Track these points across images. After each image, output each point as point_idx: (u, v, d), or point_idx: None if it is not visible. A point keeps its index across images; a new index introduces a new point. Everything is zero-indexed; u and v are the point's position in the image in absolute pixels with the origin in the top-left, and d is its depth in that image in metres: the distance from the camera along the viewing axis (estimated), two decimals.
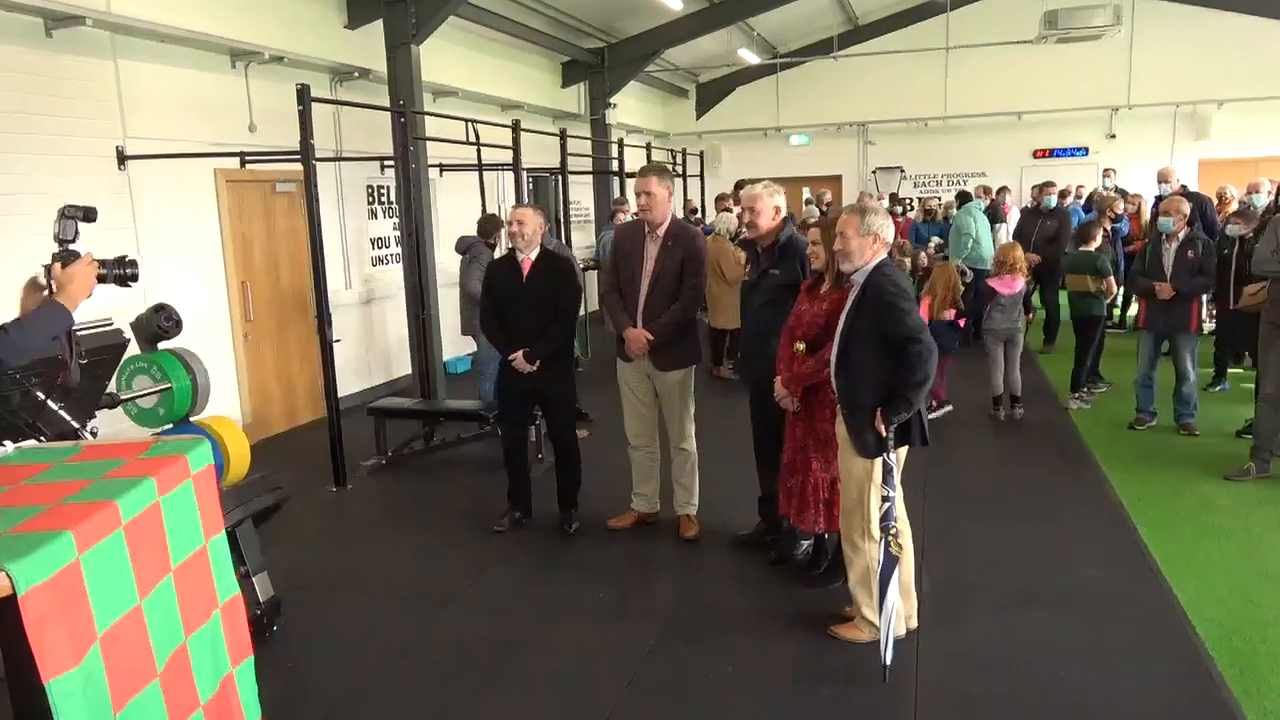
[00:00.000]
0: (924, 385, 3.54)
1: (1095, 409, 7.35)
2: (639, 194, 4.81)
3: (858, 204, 3.91)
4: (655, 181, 4.76)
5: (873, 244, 3.62)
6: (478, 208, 10.78)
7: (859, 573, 3.77)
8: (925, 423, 3.72)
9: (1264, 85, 14.62)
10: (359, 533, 5.33)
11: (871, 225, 3.62)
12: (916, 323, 3.54)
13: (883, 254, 3.67)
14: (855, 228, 3.63)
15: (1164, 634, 3.79)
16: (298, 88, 5.79)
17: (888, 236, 3.68)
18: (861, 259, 3.63)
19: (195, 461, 2.58)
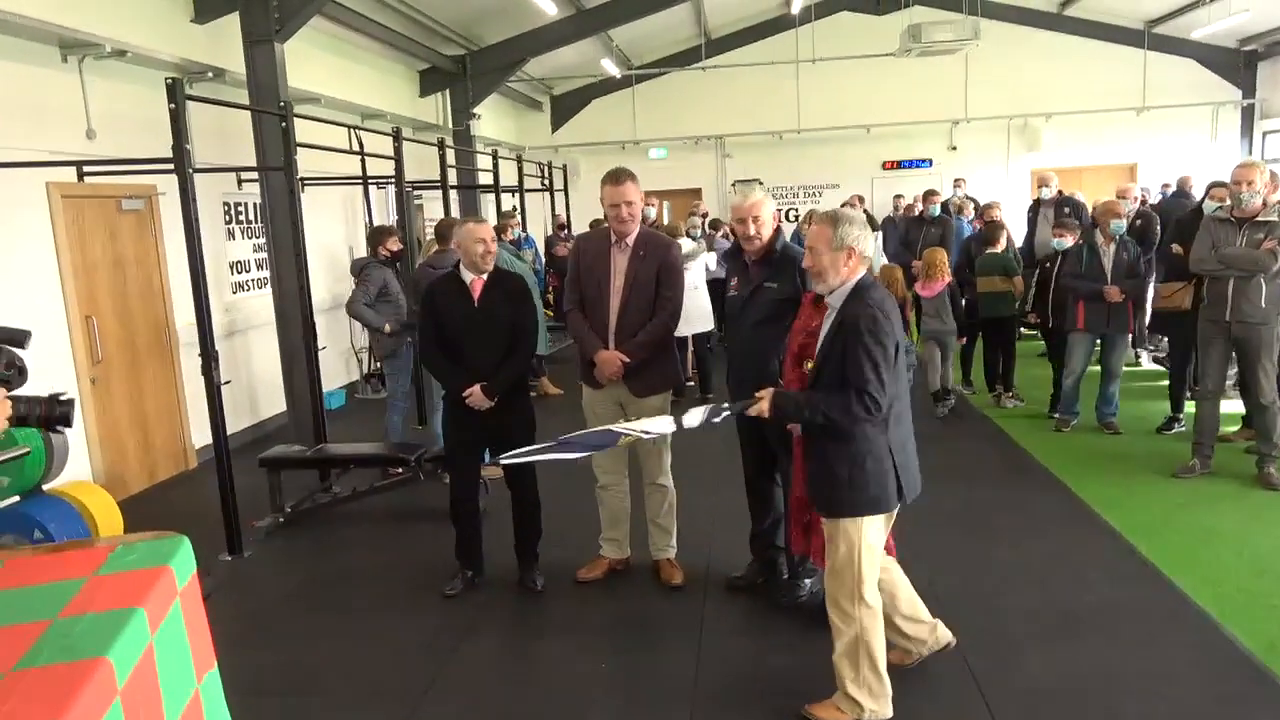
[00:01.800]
0: (829, 423, 3.04)
1: (1012, 414, 7.39)
2: (615, 205, 4.22)
3: (829, 211, 3.31)
4: (633, 188, 4.23)
5: (847, 259, 3.07)
6: (340, 224, 9.90)
7: (846, 643, 3.16)
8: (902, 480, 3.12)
9: (1086, 100, 15.72)
10: (281, 615, 4.42)
11: (846, 237, 3.06)
12: (873, 376, 2.93)
13: (861, 270, 3.12)
14: (827, 241, 3.07)
15: (1213, 651, 3.60)
16: (168, 82, 4.83)
17: (866, 249, 3.12)
18: (837, 278, 3.09)
19: (181, 571, 1.82)
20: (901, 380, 3.08)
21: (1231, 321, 5.31)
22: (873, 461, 3.03)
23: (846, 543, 3.11)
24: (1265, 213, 5.21)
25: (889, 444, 3.04)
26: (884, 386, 2.93)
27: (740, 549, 4.48)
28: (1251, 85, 15.84)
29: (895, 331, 3.01)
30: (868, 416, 2.95)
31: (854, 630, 3.14)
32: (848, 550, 3.11)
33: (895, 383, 3.01)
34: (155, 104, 6.13)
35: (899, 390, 3.06)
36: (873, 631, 3.13)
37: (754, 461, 4.31)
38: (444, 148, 8.78)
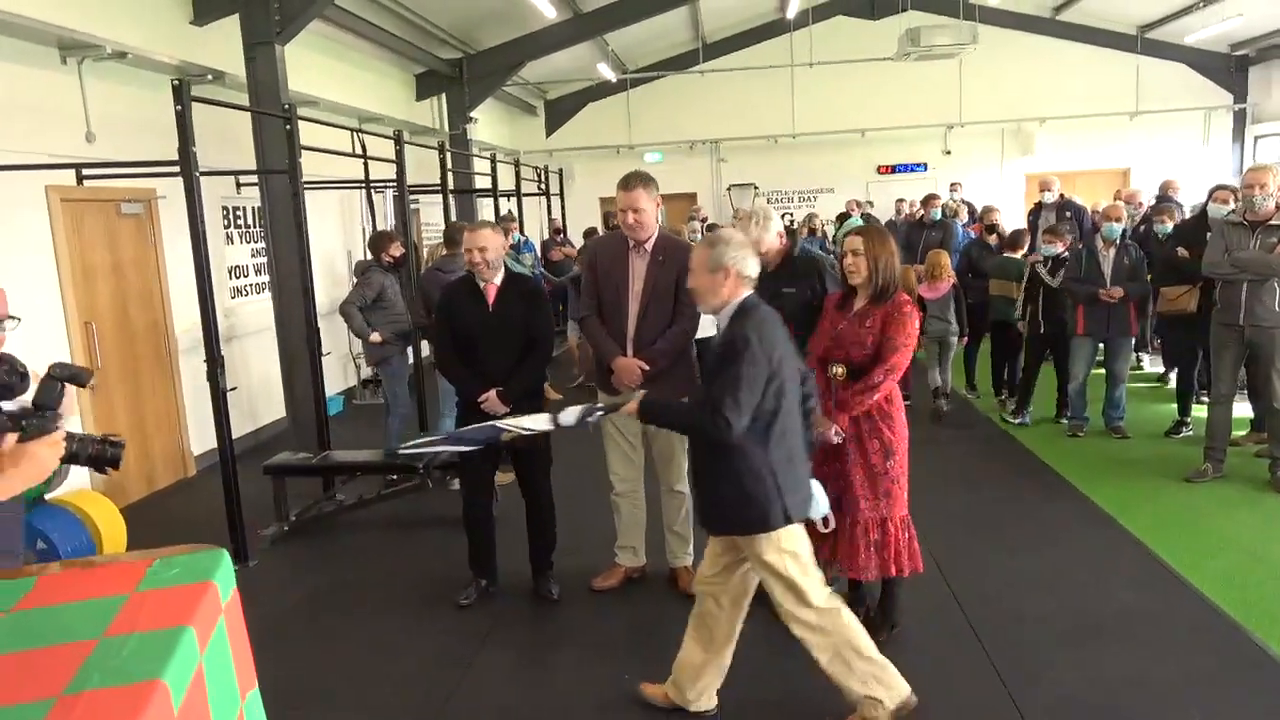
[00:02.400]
0: (688, 433, 3.06)
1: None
2: (624, 210, 4.17)
3: (712, 234, 3.23)
4: (643, 195, 4.12)
5: (725, 280, 2.99)
6: (337, 229, 9.81)
7: (827, 652, 3.09)
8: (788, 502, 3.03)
9: (1080, 104, 15.78)
10: (291, 626, 4.32)
11: (722, 259, 2.98)
12: (730, 396, 2.86)
13: (745, 291, 3.04)
14: (703, 263, 3.03)
15: (1244, 658, 3.56)
16: (174, 84, 4.75)
17: (746, 269, 3.02)
18: (716, 299, 3.04)
19: (224, 586, 1.75)
20: (786, 400, 3.01)
21: (1245, 325, 5.29)
22: (751, 481, 2.99)
23: (762, 562, 3.07)
24: (1278, 216, 5.19)
25: (768, 464, 2.99)
26: (741, 407, 2.88)
27: None
28: (1243, 90, 15.94)
29: (776, 354, 2.96)
30: (718, 434, 2.91)
31: (823, 638, 3.09)
32: (768, 569, 3.07)
33: (776, 402, 2.97)
34: (154, 106, 6.08)
35: (781, 410, 2.99)
36: (843, 629, 3.08)
37: None
38: (444, 151, 8.71)
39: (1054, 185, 9.19)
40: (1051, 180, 9.27)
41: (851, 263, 3.63)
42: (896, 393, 3.71)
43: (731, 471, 3.00)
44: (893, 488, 3.65)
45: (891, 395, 3.67)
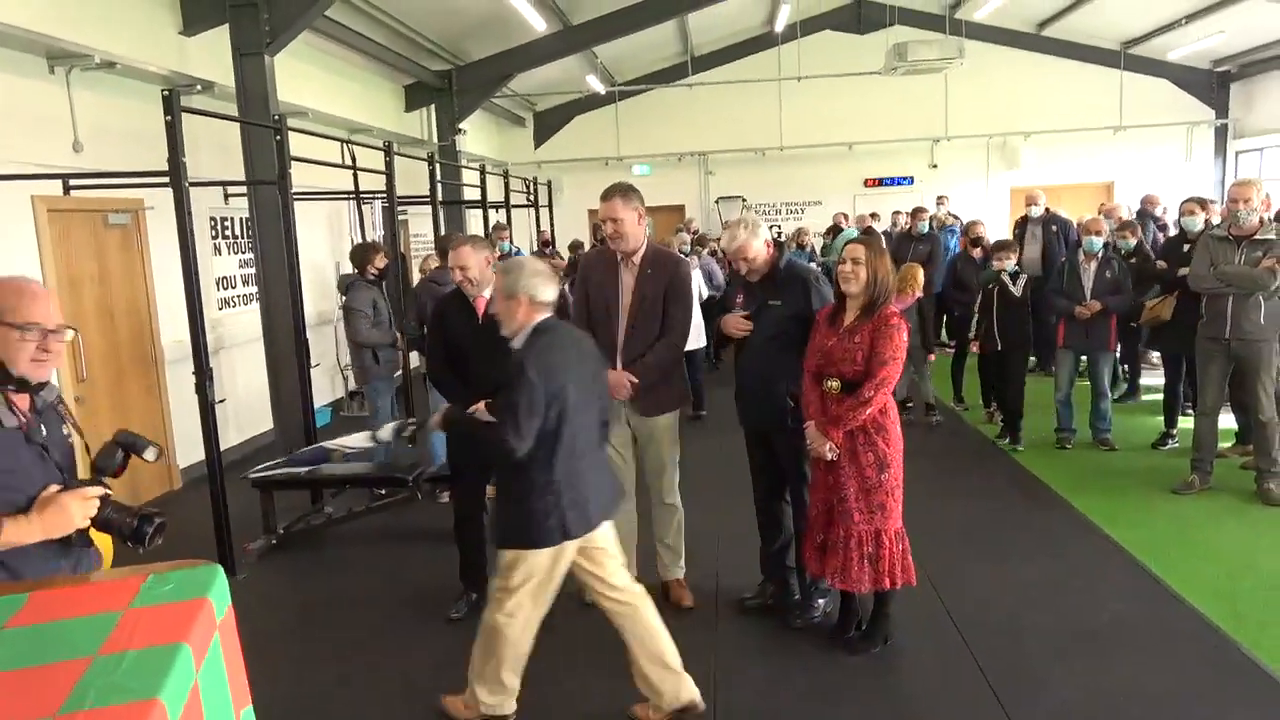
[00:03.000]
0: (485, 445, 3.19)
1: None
2: (604, 220, 4.18)
3: (507, 262, 3.41)
4: (620, 205, 4.10)
5: (519, 306, 3.13)
6: (324, 240, 9.77)
7: (486, 636, 3.30)
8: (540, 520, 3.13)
9: (1064, 119, 15.94)
10: (281, 641, 4.27)
11: (514, 286, 3.12)
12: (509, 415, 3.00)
13: (539, 315, 3.16)
14: (499, 290, 3.19)
15: (1237, 671, 3.58)
16: (164, 94, 4.72)
17: (539, 295, 3.13)
18: (514, 323, 3.17)
19: (219, 602, 1.73)
20: (568, 424, 3.09)
21: (1231, 339, 5.34)
22: (536, 497, 3.08)
23: (522, 572, 3.16)
24: (1263, 230, 5.25)
25: (553, 481, 3.09)
26: (520, 429, 2.99)
27: (749, 569, 4.43)
28: (1225, 105, 16.13)
29: (558, 379, 3.07)
30: (504, 452, 3.03)
31: (494, 630, 3.23)
32: (520, 579, 3.16)
33: (557, 424, 3.07)
34: (143, 116, 6.06)
35: (564, 433, 3.09)
36: (508, 641, 3.23)
37: (764, 482, 4.26)
38: (434, 163, 8.71)
39: (1040, 200, 9.24)
40: (1037, 195, 9.32)
41: (850, 270, 3.63)
42: (892, 406, 3.72)
43: (520, 488, 3.11)
44: (887, 500, 3.66)
45: (886, 408, 3.68)
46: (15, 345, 2.14)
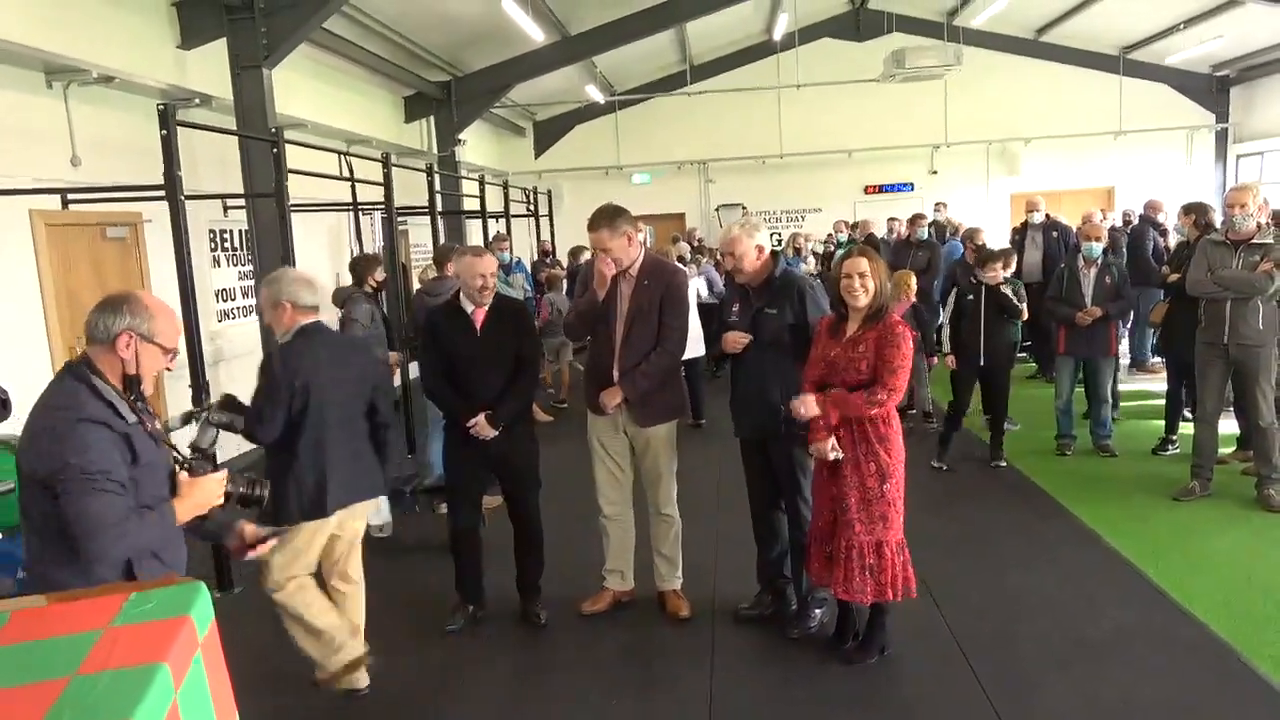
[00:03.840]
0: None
1: (1011, 438, 7.36)
2: (594, 251, 4.20)
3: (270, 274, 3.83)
4: (608, 236, 4.07)
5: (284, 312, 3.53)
6: (325, 251, 9.80)
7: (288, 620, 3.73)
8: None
9: (1064, 124, 15.95)
10: (275, 655, 4.21)
11: (279, 294, 3.54)
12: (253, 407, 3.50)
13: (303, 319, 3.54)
14: (264, 299, 3.65)
15: (1236, 679, 3.55)
16: (160, 108, 4.74)
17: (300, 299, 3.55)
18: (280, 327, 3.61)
19: (201, 620, 1.72)
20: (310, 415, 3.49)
21: (1229, 344, 5.32)
22: (282, 480, 3.46)
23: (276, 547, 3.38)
24: (1260, 235, 5.24)
25: (296, 466, 3.50)
26: (263, 417, 3.45)
27: (745, 579, 4.41)
28: (1225, 109, 16.13)
29: (302, 376, 3.45)
30: (251, 435, 3.52)
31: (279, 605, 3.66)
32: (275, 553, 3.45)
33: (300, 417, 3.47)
34: (141, 130, 6.07)
35: (306, 424, 3.49)
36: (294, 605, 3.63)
37: (760, 492, 4.25)
38: (432, 173, 8.73)
39: (1040, 206, 9.22)
40: (1038, 201, 9.29)
41: (859, 285, 3.60)
42: (894, 416, 3.69)
43: (270, 470, 3.51)
44: (889, 511, 3.63)
45: (889, 418, 3.65)
46: (158, 363, 2.48)
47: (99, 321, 2.39)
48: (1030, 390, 8.38)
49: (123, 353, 2.39)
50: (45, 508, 2.29)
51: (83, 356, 2.43)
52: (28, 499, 2.36)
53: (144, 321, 2.41)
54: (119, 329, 2.38)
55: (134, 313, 2.41)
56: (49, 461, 2.26)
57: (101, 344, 2.39)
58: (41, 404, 2.36)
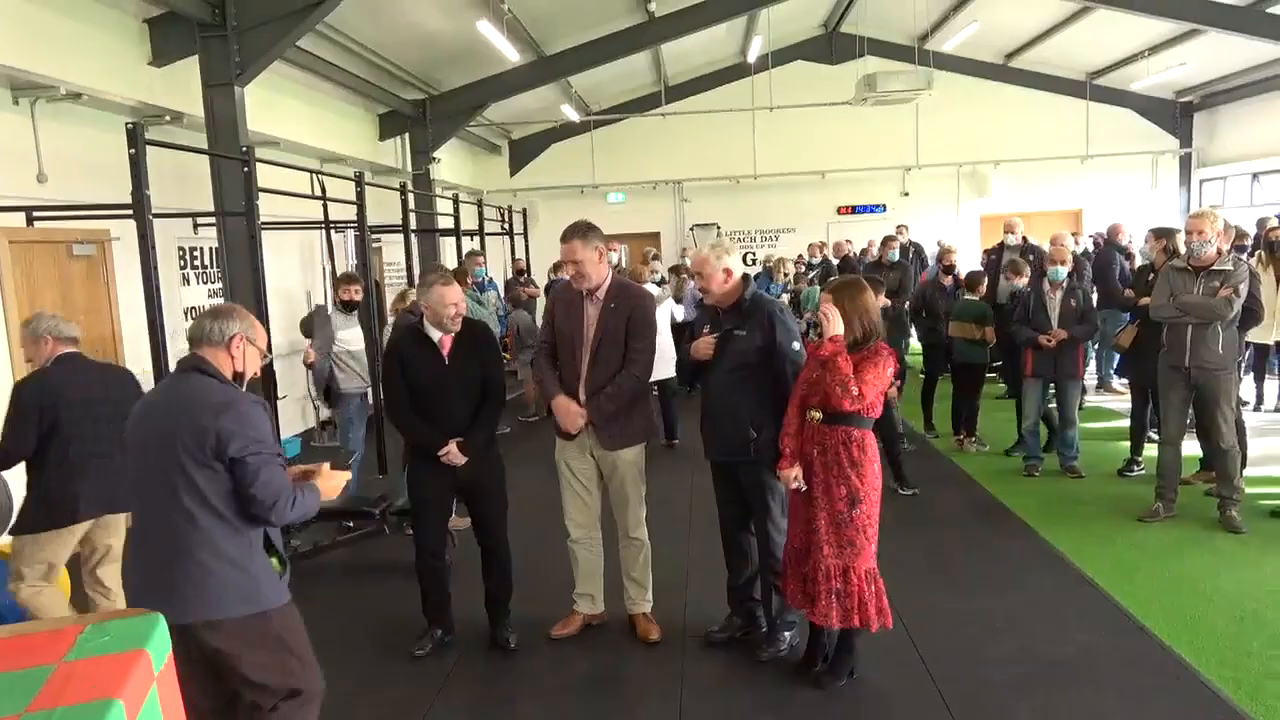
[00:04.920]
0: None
1: (976, 458, 7.45)
2: (565, 262, 4.20)
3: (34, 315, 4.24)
4: (580, 246, 4.11)
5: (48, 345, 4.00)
6: (297, 269, 9.73)
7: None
8: None
9: (1033, 148, 16.21)
10: None
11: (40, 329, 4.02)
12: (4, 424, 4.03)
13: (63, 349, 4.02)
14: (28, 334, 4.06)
15: (1199, 702, 3.60)
16: (128, 127, 4.72)
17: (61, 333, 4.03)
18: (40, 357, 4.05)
19: (157, 653, 1.70)
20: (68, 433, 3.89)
21: (1191, 367, 5.41)
22: (40, 491, 3.92)
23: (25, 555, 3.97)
24: (1220, 261, 5.34)
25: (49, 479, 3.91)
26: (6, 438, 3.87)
27: (716, 601, 4.41)
28: (1188, 135, 16.46)
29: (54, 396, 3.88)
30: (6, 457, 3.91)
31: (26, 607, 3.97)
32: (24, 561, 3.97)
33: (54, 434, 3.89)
34: (110, 147, 6.01)
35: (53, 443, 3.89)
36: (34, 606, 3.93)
37: (730, 515, 4.25)
38: (406, 192, 8.71)
39: (1017, 227, 9.30)
40: (1015, 223, 9.37)
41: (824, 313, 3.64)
42: (871, 443, 3.71)
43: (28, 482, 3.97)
44: (857, 537, 3.64)
45: (864, 444, 3.67)
46: (257, 363, 2.88)
47: (214, 327, 2.78)
48: (998, 413, 8.46)
49: (234, 353, 2.79)
50: (220, 487, 2.63)
51: (196, 357, 2.76)
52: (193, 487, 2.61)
53: (249, 328, 2.84)
54: (232, 333, 2.79)
55: (241, 320, 2.83)
56: (239, 440, 2.61)
57: (215, 345, 2.77)
58: (185, 397, 2.68)
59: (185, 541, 2.62)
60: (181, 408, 2.67)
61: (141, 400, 2.90)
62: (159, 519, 2.66)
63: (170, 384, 2.80)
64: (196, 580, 2.61)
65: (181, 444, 2.60)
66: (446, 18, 9.87)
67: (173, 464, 2.60)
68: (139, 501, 2.76)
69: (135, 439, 2.72)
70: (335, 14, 7.75)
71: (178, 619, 2.44)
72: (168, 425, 2.65)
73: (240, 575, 2.66)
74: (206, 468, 2.61)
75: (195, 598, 2.60)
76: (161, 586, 2.61)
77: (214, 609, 2.62)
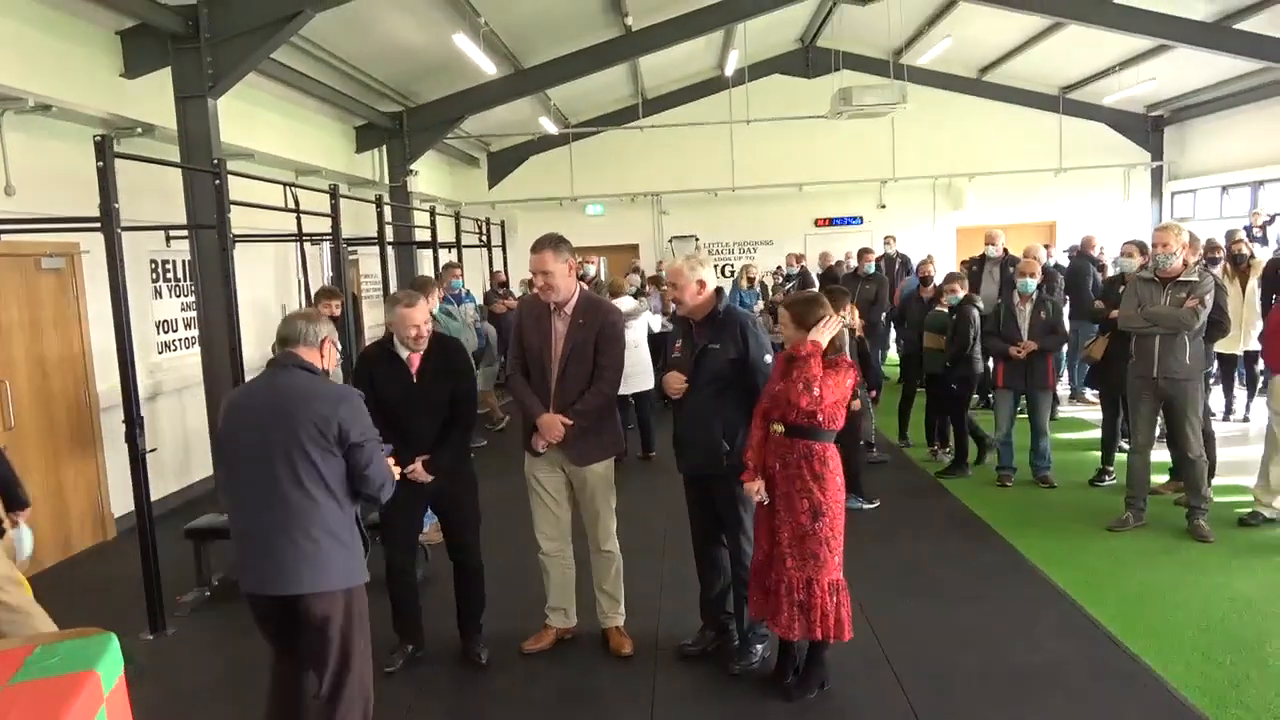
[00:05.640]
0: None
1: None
2: (534, 274, 4.20)
3: None
4: (551, 258, 4.11)
5: None
6: (272, 281, 9.67)
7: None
8: None
9: (1007, 161, 16.40)
10: (207, 699, 4.16)
11: None
12: None
13: None
14: None
15: (1167, 711, 3.62)
16: (96, 140, 4.67)
17: None
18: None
19: (108, 674, 1.68)
20: None
21: (1158, 378, 5.48)
22: None
23: None
24: (1187, 273, 5.42)
25: None
26: None
27: (689, 615, 4.41)
28: (1159, 148, 16.69)
29: None
30: None
31: None
32: None
33: None
34: (80, 158, 5.94)
35: None
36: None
37: (702, 528, 4.26)
38: (381, 205, 8.69)
39: (999, 239, 9.36)
40: (996, 234, 9.43)
41: (780, 325, 3.70)
42: (833, 455, 3.72)
43: None
44: (820, 550, 3.65)
45: (827, 458, 3.68)
46: (334, 361, 3.23)
47: (309, 329, 3.12)
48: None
49: (324, 352, 3.16)
50: (336, 470, 2.97)
51: (294, 355, 3.08)
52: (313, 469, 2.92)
53: (332, 331, 3.22)
54: (323, 335, 3.16)
55: (327, 324, 3.21)
56: (358, 428, 3.00)
57: (310, 346, 3.12)
58: (301, 389, 2.99)
59: (304, 518, 2.93)
60: (301, 398, 2.97)
61: (239, 392, 3.21)
62: (277, 497, 2.92)
63: (274, 377, 3.05)
64: (310, 554, 2.93)
65: (305, 430, 2.91)
66: (423, 31, 9.88)
67: (295, 447, 2.90)
68: (248, 481, 2.97)
69: (246, 423, 2.98)
70: (311, 27, 7.76)
71: (293, 589, 2.93)
72: (288, 412, 2.94)
73: (344, 551, 3.01)
74: (328, 452, 2.94)
75: (309, 570, 2.93)
76: (277, 559, 2.92)
77: (322, 581, 2.96)
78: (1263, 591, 4.70)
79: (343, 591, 3.02)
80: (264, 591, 3.01)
